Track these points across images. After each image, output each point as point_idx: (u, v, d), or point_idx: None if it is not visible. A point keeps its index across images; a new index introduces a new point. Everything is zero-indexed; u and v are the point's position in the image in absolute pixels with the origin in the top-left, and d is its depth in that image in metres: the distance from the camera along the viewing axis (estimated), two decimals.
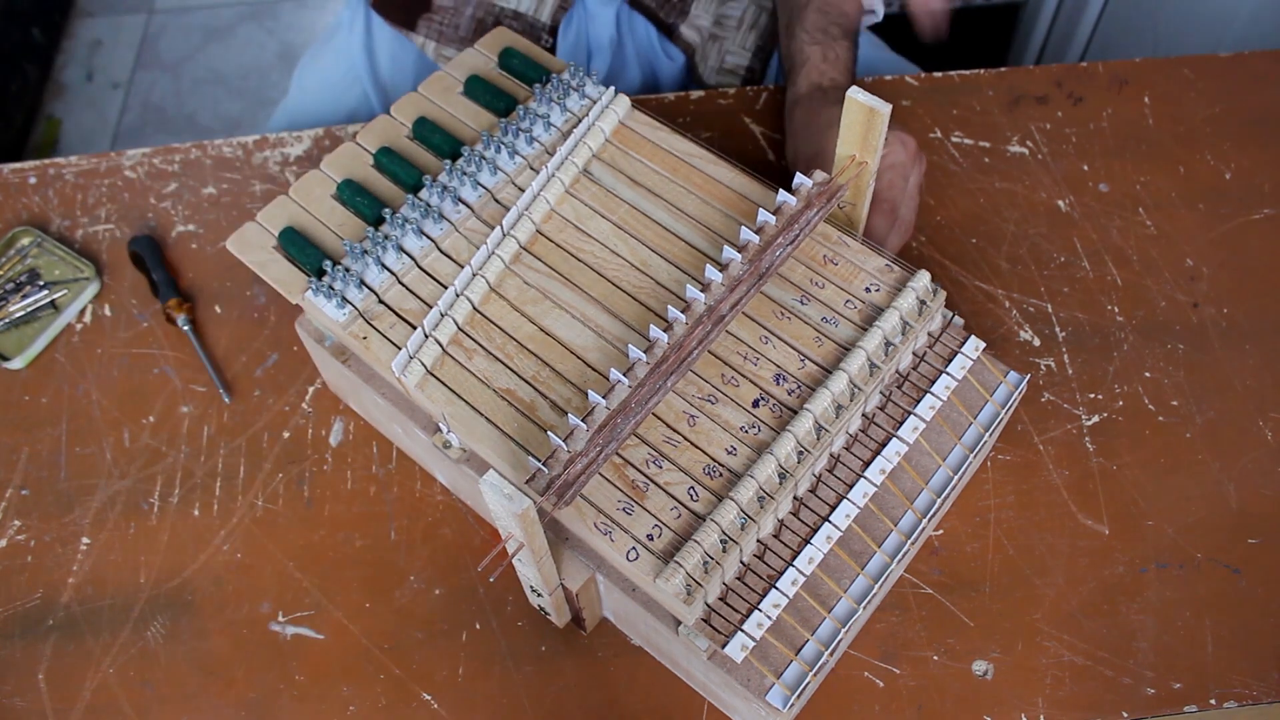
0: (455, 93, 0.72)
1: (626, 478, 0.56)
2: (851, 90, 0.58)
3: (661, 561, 0.54)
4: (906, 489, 0.60)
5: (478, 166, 0.67)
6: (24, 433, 0.75)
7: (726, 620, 0.55)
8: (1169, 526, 0.68)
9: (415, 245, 0.64)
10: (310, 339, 0.68)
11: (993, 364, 0.64)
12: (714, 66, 0.99)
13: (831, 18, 0.82)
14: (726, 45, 0.98)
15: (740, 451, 0.57)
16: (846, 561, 0.58)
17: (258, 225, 0.66)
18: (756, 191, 0.66)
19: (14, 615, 0.68)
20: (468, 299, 0.62)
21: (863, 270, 0.63)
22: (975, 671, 0.64)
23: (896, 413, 0.61)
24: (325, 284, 0.62)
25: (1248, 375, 0.74)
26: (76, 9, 2.06)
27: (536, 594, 0.61)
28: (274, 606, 0.68)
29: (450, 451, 0.63)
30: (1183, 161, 0.84)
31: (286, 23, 2.04)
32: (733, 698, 0.58)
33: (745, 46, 0.97)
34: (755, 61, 0.98)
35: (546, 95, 0.69)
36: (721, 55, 0.98)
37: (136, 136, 1.88)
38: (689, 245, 0.64)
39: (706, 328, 0.58)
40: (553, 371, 0.60)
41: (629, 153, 0.68)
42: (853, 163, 0.62)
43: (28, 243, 0.83)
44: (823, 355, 0.60)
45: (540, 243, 0.65)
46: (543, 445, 0.57)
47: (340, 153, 0.70)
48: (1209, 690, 0.63)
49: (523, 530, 0.50)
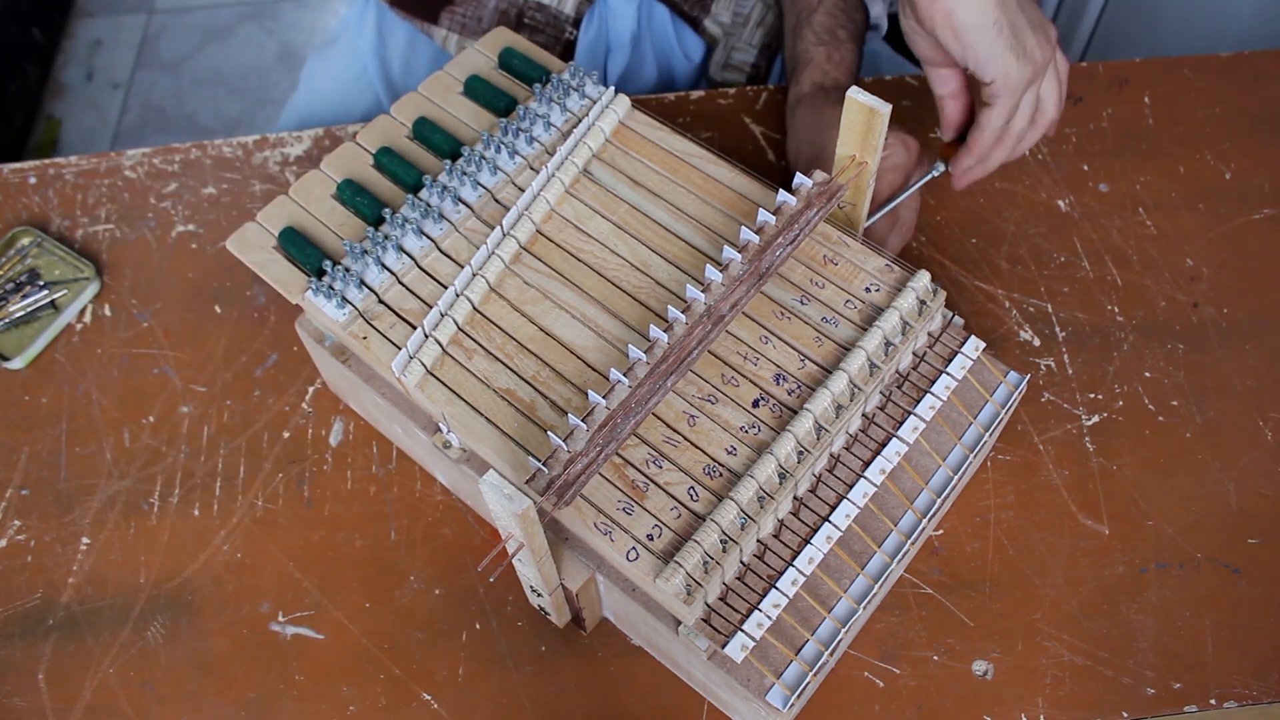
0: (455, 92, 0.72)
1: (626, 478, 0.56)
2: (851, 90, 0.58)
3: (661, 561, 0.53)
4: (906, 489, 0.60)
5: (478, 166, 0.67)
6: (24, 433, 0.75)
7: (726, 620, 0.55)
8: (1169, 526, 0.68)
9: (415, 245, 0.64)
10: (310, 339, 0.68)
11: (993, 364, 0.64)
12: (720, 62, 0.99)
13: (840, 21, 0.82)
14: (734, 42, 0.98)
15: (740, 451, 0.57)
16: (846, 561, 0.58)
17: (258, 225, 0.66)
18: (756, 191, 0.66)
19: (14, 615, 0.68)
20: (468, 299, 0.62)
21: (863, 270, 0.63)
22: (975, 671, 0.64)
23: (896, 413, 0.61)
24: (325, 284, 0.62)
25: (1248, 375, 0.74)
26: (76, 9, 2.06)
27: (536, 594, 0.61)
28: (274, 606, 0.68)
29: (450, 451, 0.63)
30: (1183, 161, 0.84)
31: (286, 23, 2.04)
32: (733, 698, 0.58)
33: (752, 44, 0.98)
34: (761, 59, 0.98)
35: (546, 95, 0.69)
36: (729, 51, 0.98)
37: (136, 136, 1.89)
38: (689, 245, 0.64)
39: (706, 328, 0.58)
40: (553, 371, 0.60)
41: (629, 153, 0.68)
42: (853, 163, 0.62)
43: (28, 243, 0.83)
44: (823, 355, 0.60)
45: (540, 243, 0.65)
46: (543, 445, 0.57)
47: (340, 153, 0.70)
48: (1209, 690, 0.63)
49: (523, 530, 0.50)
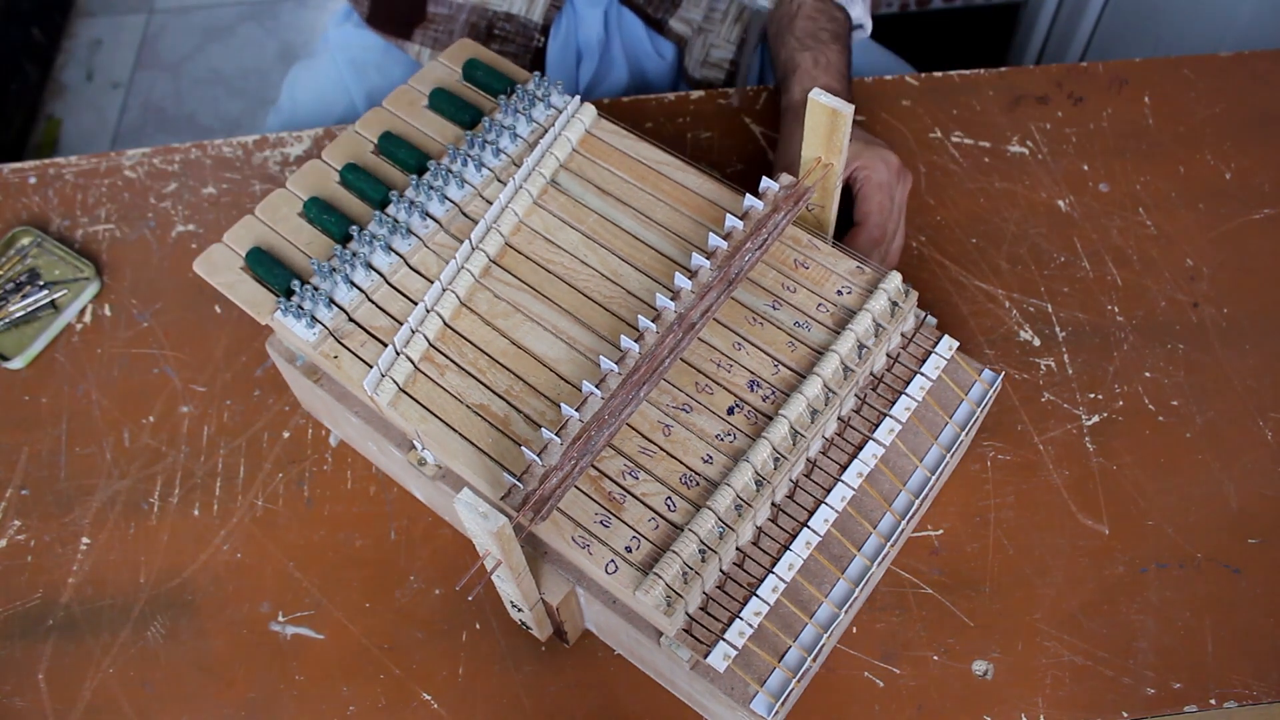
0: (420, 106, 0.72)
1: (603, 490, 0.56)
2: (814, 92, 0.58)
3: (640, 573, 0.53)
4: (884, 491, 0.60)
5: (444, 180, 0.66)
6: (24, 433, 0.75)
7: (708, 630, 0.54)
8: (1169, 526, 0.68)
9: (384, 262, 0.64)
10: (281, 359, 0.68)
11: (967, 363, 0.64)
12: (699, 59, 0.99)
13: (820, 23, 0.82)
14: (711, 39, 0.98)
15: (716, 460, 0.57)
16: (827, 566, 0.58)
17: (224, 246, 0.66)
18: (725, 197, 0.65)
19: (14, 615, 0.68)
20: (438, 314, 0.61)
21: (834, 273, 0.62)
22: (975, 671, 0.64)
23: (872, 415, 0.61)
24: (294, 304, 0.62)
25: (1248, 375, 0.74)
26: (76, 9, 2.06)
27: (517, 609, 0.61)
28: (274, 606, 0.68)
29: (425, 469, 0.62)
30: (1183, 161, 0.84)
31: (286, 23, 2.04)
32: (718, 707, 0.58)
33: (730, 40, 0.98)
34: (739, 54, 0.98)
35: (512, 106, 0.69)
36: (707, 48, 0.98)
37: (136, 136, 1.88)
38: (659, 253, 0.64)
39: (678, 336, 0.58)
40: (526, 385, 0.59)
41: (596, 161, 0.67)
42: (818, 165, 0.62)
43: (28, 243, 0.83)
44: (796, 360, 0.59)
45: (510, 255, 0.64)
46: (518, 460, 0.57)
47: (306, 170, 0.69)
48: (1209, 690, 0.63)
49: (500, 547, 0.50)
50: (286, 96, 1.04)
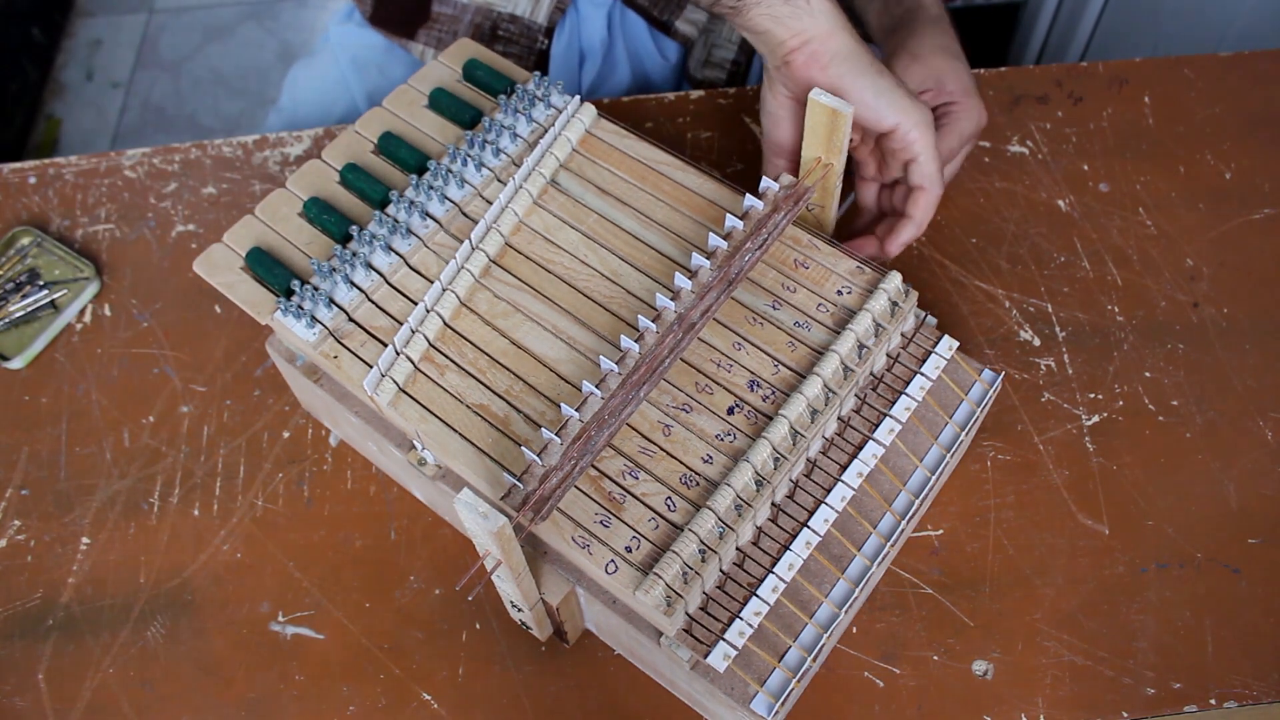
0: (420, 106, 0.72)
1: (603, 490, 0.56)
2: (814, 92, 0.58)
3: (640, 573, 0.53)
4: (884, 491, 0.60)
5: (444, 180, 0.66)
6: (24, 433, 0.75)
7: (708, 630, 0.54)
8: (1169, 526, 0.68)
9: (384, 262, 0.64)
10: (281, 359, 0.68)
11: (967, 363, 0.64)
12: (701, 60, 0.99)
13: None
14: (714, 39, 0.98)
15: (716, 460, 0.57)
16: (827, 566, 0.58)
17: (224, 246, 0.66)
18: (725, 197, 0.65)
19: (14, 615, 0.68)
20: (438, 315, 0.61)
21: (834, 273, 0.62)
22: (975, 671, 0.64)
23: (872, 415, 0.61)
24: (294, 304, 0.61)
25: (1248, 375, 0.74)
26: (76, 9, 2.06)
27: (517, 609, 0.61)
28: (274, 606, 0.68)
29: (425, 469, 0.62)
30: (1183, 161, 0.84)
31: (286, 22, 2.04)
32: (718, 707, 0.58)
33: (732, 40, 0.98)
34: (741, 55, 0.99)
35: (511, 106, 0.69)
36: (709, 48, 0.98)
37: (136, 136, 1.88)
38: (659, 253, 0.64)
39: (678, 336, 0.58)
40: (526, 385, 0.59)
41: (596, 161, 0.67)
42: (818, 164, 0.62)
43: (28, 243, 0.83)
44: (796, 360, 0.59)
45: (510, 255, 0.64)
46: (518, 460, 0.57)
47: (306, 170, 0.69)
48: (1209, 690, 0.63)
49: (499, 547, 0.50)
50: (287, 96, 1.04)
